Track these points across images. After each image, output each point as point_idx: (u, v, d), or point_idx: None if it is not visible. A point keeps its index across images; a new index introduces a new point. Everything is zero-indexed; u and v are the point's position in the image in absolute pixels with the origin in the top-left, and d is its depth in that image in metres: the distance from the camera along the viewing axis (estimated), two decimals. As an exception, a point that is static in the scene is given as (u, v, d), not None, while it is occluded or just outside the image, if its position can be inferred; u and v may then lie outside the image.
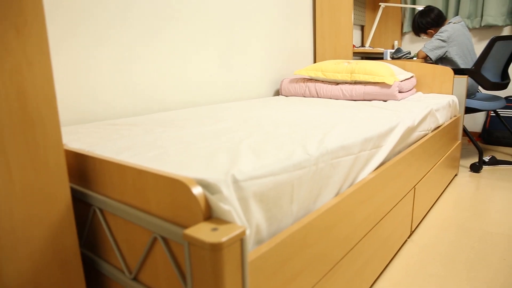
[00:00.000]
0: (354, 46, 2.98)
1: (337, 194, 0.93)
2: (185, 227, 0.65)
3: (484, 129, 3.22)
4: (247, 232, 0.62)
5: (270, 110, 1.59)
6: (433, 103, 1.85)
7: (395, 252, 1.36)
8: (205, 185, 0.63)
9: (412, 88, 2.29)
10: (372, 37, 3.79)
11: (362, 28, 3.69)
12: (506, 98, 3.21)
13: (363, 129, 1.10)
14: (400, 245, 1.43)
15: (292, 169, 0.75)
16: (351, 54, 2.72)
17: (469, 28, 3.36)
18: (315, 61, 2.90)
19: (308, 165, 0.80)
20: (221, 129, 1.12)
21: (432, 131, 1.73)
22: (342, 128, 1.10)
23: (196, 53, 1.90)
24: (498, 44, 2.35)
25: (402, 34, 3.72)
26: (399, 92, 2.10)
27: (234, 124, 1.22)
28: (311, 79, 2.37)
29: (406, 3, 3.58)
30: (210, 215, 0.62)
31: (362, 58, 3.47)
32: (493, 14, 3.14)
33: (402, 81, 2.16)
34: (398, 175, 1.27)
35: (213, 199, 0.61)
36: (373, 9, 3.74)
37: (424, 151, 1.59)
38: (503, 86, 2.53)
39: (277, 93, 2.55)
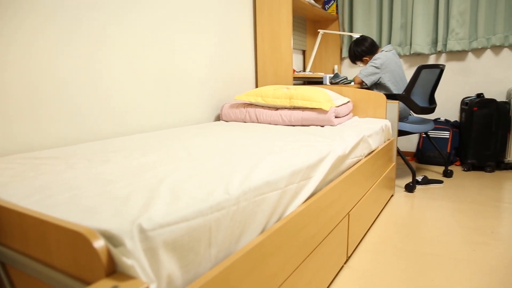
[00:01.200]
0: (294, 71, 3.06)
1: (263, 231, 0.92)
2: (88, 283, 0.59)
3: (418, 149, 3.41)
4: (153, 286, 0.58)
5: (205, 138, 1.57)
6: (366, 128, 1.93)
7: (331, 280, 1.37)
8: (108, 236, 0.59)
9: (349, 113, 2.38)
10: (314, 62, 3.93)
11: (304, 52, 3.81)
12: (434, 120, 3.43)
13: (292, 161, 1.11)
14: (336, 273, 1.44)
15: (209, 212, 0.72)
16: (291, 79, 2.78)
17: (400, 55, 3.58)
18: (256, 86, 2.93)
19: (227, 206, 0.77)
20: (148, 163, 1.08)
21: (365, 156, 1.79)
22: (271, 160, 1.10)
23: (132, 77, 1.85)
24: (424, 72, 2.51)
25: (342, 59, 3.89)
26: (336, 117, 2.17)
27: (163, 156, 1.18)
28: (251, 104, 2.39)
29: (344, 30, 3.75)
30: (114, 269, 0.58)
31: (304, 83, 3.57)
32: (420, 43, 3.38)
33: (338, 106, 2.23)
34: (330, 204, 1.29)
35: (116, 252, 0.57)
36: (313, 35, 3.88)
37: (358, 177, 1.63)
38: (431, 110, 2.70)
39: (218, 118, 2.53)
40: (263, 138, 1.55)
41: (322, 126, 2.09)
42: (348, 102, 2.41)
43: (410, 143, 3.65)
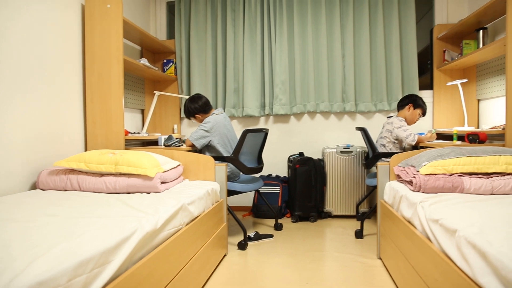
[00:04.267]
0: (128, 132, 2.98)
1: None
2: None
3: (254, 204, 3.63)
4: None
5: (2, 217, 1.35)
6: (190, 195, 1.96)
7: None
8: None
9: (178, 177, 2.40)
10: (154, 122, 3.92)
11: (143, 112, 3.78)
12: (267, 176, 3.74)
13: (85, 248, 1.02)
14: None
15: None
16: (123, 141, 2.69)
17: (234, 117, 3.87)
18: (86, 149, 2.75)
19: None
20: None
21: (187, 225, 1.80)
22: (57, 250, 0.99)
23: None
24: (250, 135, 2.74)
25: (181, 118, 3.98)
26: (163, 182, 2.15)
27: None
28: (74, 171, 2.21)
29: (182, 91, 3.88)
30: None
31: (144, 144, 3.51)
32: (251, 106, 3.72)
33: (167, 171, 2.23)
34: (141, 282, 1.22)
35: None
36: (152, 94, 3.90)
37: (176, 248, 1.61)
38: (259, 170, 2.94)
39: (35, 186, 2.25)
40: (69, 214, 1.42)
41: (148, 193, 2.05)
42: (178, 165, 2.44)
43: (247, 198, 3.87)
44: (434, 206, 1.58)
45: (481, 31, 2.95)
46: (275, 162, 3.87)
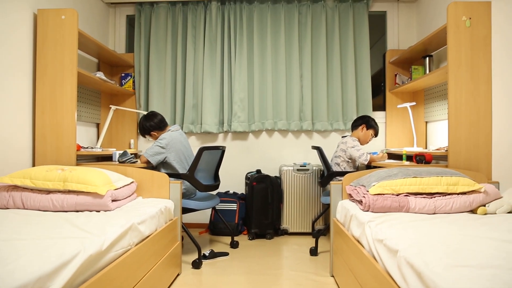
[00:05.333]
0: (80, 147, 2.88)
1: None
2: None
3: (211, 221, 3.59)
4: None
5: None
6: (141, 213, 1.92)
7: None
8: None
9: (131, 194, 2.34)
10: (110, 136, 3.81)
11: (98, 126, 3.67)
12: (225, 193, 3.73)
13: (17, 275, 0.97)
14: None
15: None
16: (74, 156, 2.60)
17: (192, 133, 3.84)
18: (34, 164, 2.62)
19: None
20: None
21: (136, 245, 1.75)
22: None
23: None
24: (206, 152, 2.73)
25: (138, 133, 3.90)
26: (114, 200, 2.09)
27: None
28: (18, 187, 2.10)
29: (140, 106, 3.82)
30: None
31: (98, 159, 3.40)
32: (209, 123, 3.72)
33: (119, 188, 2.17)
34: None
35: None
36: (109, 108, 3.80)
37: (126, 268, 1.56)
38: (215, 187, 2.93)
39: (-27, 204, 2.11)
40: (6, 236, 1.34)
41: (98, 211, 1.99)
42: (132, 182, 2.38)
43: (204, 215, 3.82)
44: (380, 226, 1.63)
45: (427, 58, 3.14)
46: (233, 179, 3.87)
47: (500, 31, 2.40)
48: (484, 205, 1.96)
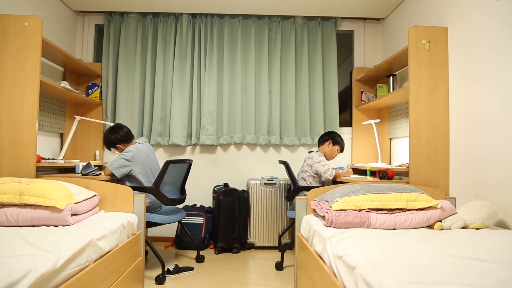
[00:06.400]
0: (41, 158, 2.79)
1: None
2: None
3: (177, 235, 3.53)
4: None
5: None
6: (102, 228, 1.87)
7: None
8: None
9: (93, 208, 2.28)
10: (75, 147, 3.70)
11: (62, 136, 3.57)
12: (192, 206, 3.69)
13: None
14: None
15: None
16: (33, 168, 2.51)
17: (160, 145, 3.79)
18: (-11, 175, 2.51)
19: None
20: None
21: (95, 261, 1.70)
22: None
23: None
24: (173, 166, 2.70)
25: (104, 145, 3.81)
26: (74, 215, 2.03)
27: None
28: (-31, 201, 1.99)
29: (107, 117, 3.74)
30: None
31: (61, 171, 3.29)
32: (177, 136, 3.69)
33: (80, 202, 2.11)
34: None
35: None
36: (73, 118, 3.71)
37: (82, 286, 1.51)
38: (181, 201, 2.89)
39: None
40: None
41: (56, 226, 1.92)
42: (94, 196, 2.32)
43: (171, 229, 3.76)
44: (341, 242, 1.66)
45: (391, 77, 3.26)
46: (201, 192, 3.84)
47: (456, 54, 2.53)
48: (441, 221, 2.03)
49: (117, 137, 2.85)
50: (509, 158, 2.04)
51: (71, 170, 3.25)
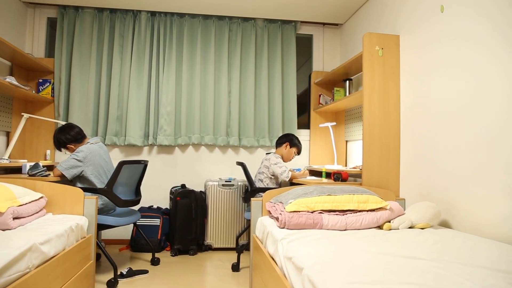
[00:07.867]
0: (-17, 158, 2.62)
1: None
2: None
3: (132, 238, 3.44)
4: None
5: None
6: (46, 232, 1.78)
7: None
8: None
9: (40, 210, 2.17)
10: (23, 146, 3.52)
11: (8, 134, 3.38)
12: (149, 207, 3.61)
13: None
14: None
15: None
16: (-26, 168, 2.36)
17: (116, 145, 3.69)
18: None
19: None
20: None
21: (37, 267, 1.62)
22: None
23: None
24: (127, 167, 2.63)
25: (55, 144, 3.65)
26: (17, 218, 1.93)
27: None
28: None
29: (59, 115, 3.58)
30: None
31: (6, 171, 3.11)
32: (134, 136, 3.60)
33: (24, 204, 2.01)
34: None
35: None
36: (21, 116, 3.52)
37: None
38: (136, 202, 2.82)
39: None
40: None
41: (-4, 230, 1.81)
42: (41, 198, 2.21)
43: (126, 231, 3.66)
44: (292, 243, 1.68)
45: (347, 81, 3.35)
46: (158, 194, 3.77)
47: (406, 61, 2.64)
48: (390, 221, 2.11)
49: (68, 137, 2.74)
50: (451, 161, 2.15)
51: (17, 170, 3.09)
